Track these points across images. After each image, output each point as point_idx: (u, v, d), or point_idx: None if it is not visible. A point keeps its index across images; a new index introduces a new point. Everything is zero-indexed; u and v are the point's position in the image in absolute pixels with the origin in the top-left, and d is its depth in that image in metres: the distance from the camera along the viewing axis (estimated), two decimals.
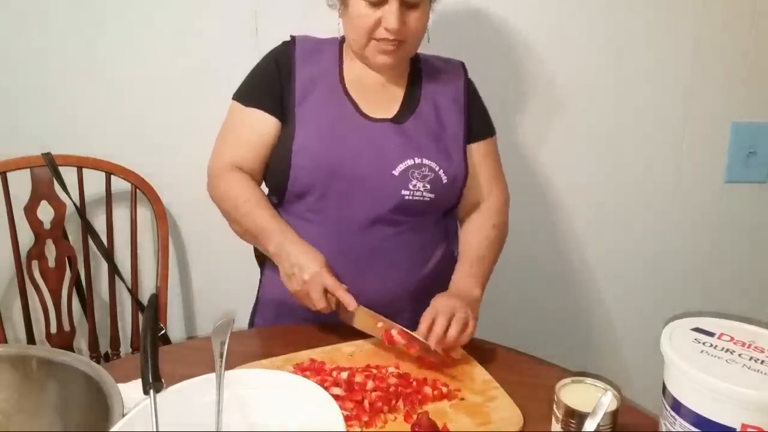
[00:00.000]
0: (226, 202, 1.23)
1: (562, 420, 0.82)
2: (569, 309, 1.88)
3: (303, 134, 1.19)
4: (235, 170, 1.23)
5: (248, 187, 1.22)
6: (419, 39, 1.21)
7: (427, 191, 1.20)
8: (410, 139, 1.21)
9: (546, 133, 1.73)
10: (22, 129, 1.65)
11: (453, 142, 1.25)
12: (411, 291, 1.22)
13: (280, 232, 1.16)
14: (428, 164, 1.20)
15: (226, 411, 0.80)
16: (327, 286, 1.10)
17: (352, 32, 1.19)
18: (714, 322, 0.83)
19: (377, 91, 1.25)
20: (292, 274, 1.12)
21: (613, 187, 1.78)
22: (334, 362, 1.06)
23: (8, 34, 1.59)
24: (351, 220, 1.20)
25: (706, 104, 1.73)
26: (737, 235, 1.84)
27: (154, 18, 1.59)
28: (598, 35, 1.66)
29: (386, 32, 1.14)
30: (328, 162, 1.18)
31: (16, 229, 1.53)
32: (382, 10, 1.13)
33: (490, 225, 1.29)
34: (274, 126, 1.22)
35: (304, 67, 1.24)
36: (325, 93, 1.23)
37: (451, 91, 1.29)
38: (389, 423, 0.93)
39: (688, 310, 1.03)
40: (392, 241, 1.22)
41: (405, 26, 1.14)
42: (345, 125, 1.21)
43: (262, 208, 1.19)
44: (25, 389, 0.87)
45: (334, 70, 1.25)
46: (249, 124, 1.23)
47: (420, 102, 1.26)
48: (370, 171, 1.18)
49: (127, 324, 1.71)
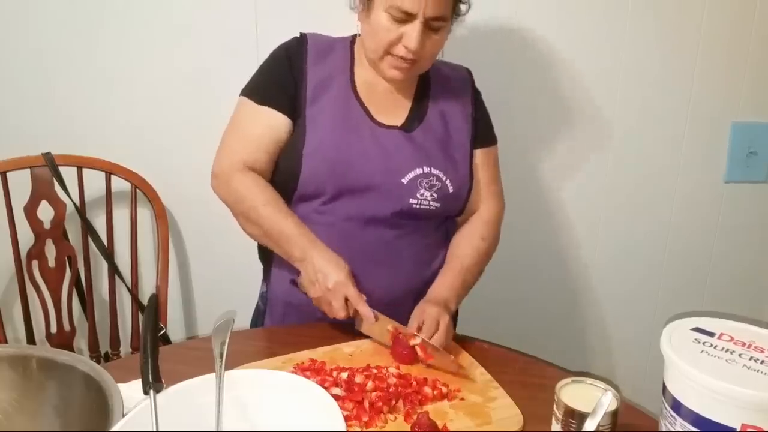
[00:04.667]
0: (242, 204, 1.20)
1: (562, 420, 0.82)
2: (569, 309, 1.89)
3: (314, 137, 1.18)
4: (248, 171, 1.21)
5: (266, 189, 1.20)
6: (433, 59, 1.21)
7: (434, 200, 1.21)
8: (419, 147, 1.22)
9: (546, 134, 1.73)
10: (22, 129, 1.65)
11: (460, 152, 1.26)
12: (413, 293, 1.22)
13: (306, 239, 1.16)
14: (436, 174, 1.21)
15: (226, 411, 0.80)
16: (349, 296, 1.11)
17: (371, 41, 1.18)
18: (714, 322, 0.83)
19: (386, 97, 1.25)
20: (315, 280, 1.12)
21: (614, 187, 1.79)
22: (334, 362, 1.06)
23: (8, 34, 1.59)
24: (356, 224, 1.20)
25: (706, 104, 1.73)
26: (737, 235, 1.84)
27: (155, 18, 1.59)
28: (599, 37, 1.67)
29: (404, 50, 1.14)
30: (339, 166, 1.18)
31: (16, 229, 1.53)
32: (405, 28, 1.12)
33: (479, 236, 1.28)
34: (287, 125, 1.21)
35: (316, 66, 1.23)
36: (337, 95, 1.22)
37: (459, 100, 1.29)
38: (389, 423, 0.93)
39: (688, 310, 1.03)
40: (396, 243, 1.22)
41: (423, 47, 1.14)
42: (356, 130, 1.20)
43: (284, 213, 1.18)
44: (25, 389, 0.87)
45: (345, 72, 1.24)
46: (262, 123, 1.21)
47: (428, 111, 1.26)
48: (380, 178, 1.19)
49: (127, 324, 1.71)
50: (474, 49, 1.64)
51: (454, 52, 1.37)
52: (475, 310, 1.82)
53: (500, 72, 1.67)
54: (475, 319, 1.45)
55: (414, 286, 1.23)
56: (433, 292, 1.20)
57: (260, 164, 1.22)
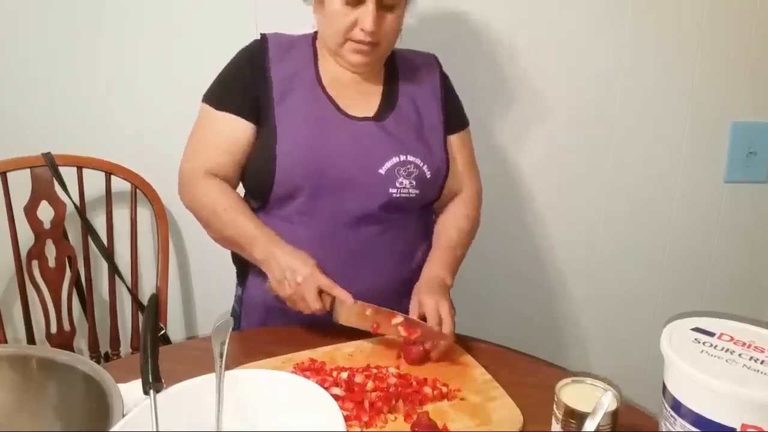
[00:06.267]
0: (204, 210, 1.20)
1: (562, 420, 0.82)
2: (569, 309, 1.88)
3: (286, 136, 1.17)
4: (210, 177, 1.20)
5: (227, 194, 1.20)
6: (394, 41, 1.21)
7: (412, 187, 1.21)
8: (393, 136, 1.21)
9: (546, 134, 1.73)
10: (22, 129, 1.65)
11: (433, 136, 1.26)
12: (397, 287, 1.22)
13: (267, 239, 1.15)
14: (413, 161, 1.20)
15: (226, 411, 0.81)
16: (321, 285, 1.09)
17: (327, 30, 1.18)
18: (714, 322, 0.83)
19: (355, 89, 1.24)
20: (283, 278, 1.11)
21: (614, 187, 1.78)
22: (334, 362, 1.06)
23: (8, 35, 1.59)
24: (339, 220, 1.19)
25: (706, 104, 1.73)
26: (737, 235, 1.84)
27: (154, 18, 1.59)
28: (600, 36, 1.67)
29: (362, 33, 1.14)
30: (314, 164, 1.16)
31: (16, 229, 1.53)
32: (359, 10, 1.13)
33: (463, 215, 1.30)
34: (249, 131, 1.20)
35: (279, 65, 1.22)
36: (304, 92, 1.21)
37: (428, 84, 1.29)
38: (389, 423, 0.93)
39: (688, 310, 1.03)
40: (379, 238, 1.22)
41: (380, 28, 1.14)
42: (328, 125, 1.19)
43: (244, 216, 1.18)
44: (25, 389, 0.87)
45: (309, 67, 1.23)
46: (222, 130, 1.21)
47: (399, 98, 1.25)
48: (357, 171, 1.18)
49: (127, 324, 1.71)
50: (474, 48, 1.65)
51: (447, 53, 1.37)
52: (475, 310, 1.82)
53: (500, 72, 1.67)
54: (474, 319, 1.45)
55: (396, 282, 1.23)
56: (427, 272, 1.20)
57: (223, 169, 1.21)
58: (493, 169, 1.74)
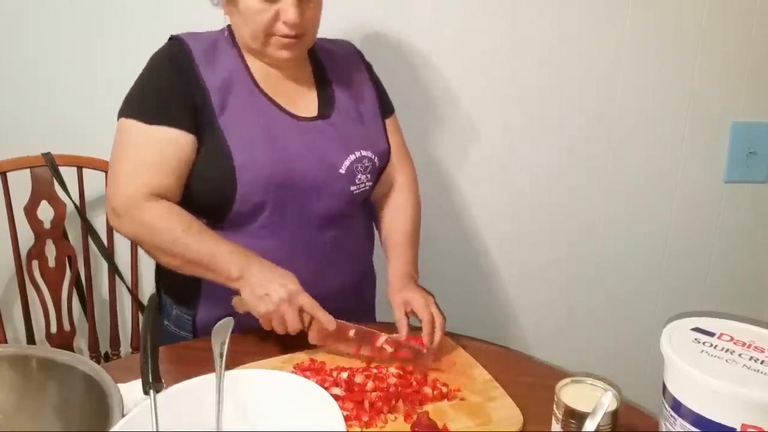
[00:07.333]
0: (157, 236, 1.08)
1: (562, 420, 0.82)
2: (569, 309, 1.88)
3: (241, 150, 1.09)
4: (155, 199, 1.08)
5: (181, 214, 1.09)
6: (317, 29, 1.17)
7: (368, 181, 1.21)
8: (343, 133, 1.19)
9: (546, 134, 1.73)
10: (22, 129, 1.65)
11: (373, 123, 1.26)
12: (359, 280, 1.23)
13: (241, 255, 1.06)
14: (366, 155, 1.20)
15: (226, 411, 0.81)
16: (304, 305, 1.04)
17: (247, 29, 1.11)
18: (714, 322, 0.82)
19: (290, 87, 1.19)
20: (265, 294, 1.03)
21: (614, 187, 1.78)
22: (334, 362, 1.06)
23: (8, 35, 1.59)
24: (305, 227, 1.16)
25: (706, 104, 1.73)
26: (737, 235, 1.84)
27: (154, 18, 1.59)
28: (600, 36, 1.66)
29: (285, 27, 1.08)
30: (278, 175, 1.11)
31: (16, 229, 1.53)
32: (279, 4, 1.07)
33: (410, 205, 1.30)
34: (191, 144, 1.10)
35: (209, 70, 1.12)
36: (243, 97, 1.13)
37: (356, 73, 1.28)
38: (389, 423, 0.93)
39: (688, 310, 1.03)
40: (344, 237, 1.22)
41: (303, 18, 1.09)
42: (279, 130, 1.13)
43: (209, 234, 1.08)
44: (25, 389, 0.87)
45: (241, 70, 1.15)
46: (161, 146, 1.08)
47: (335, 93, 1.23)
48: (319, 173, 1.15)
49: (127, 324, 1.71)
50: (473, 49, 1.64)
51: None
52: (475, 310, 1.82)
53: (500, 72, 1.67)
54: (474, 319, 1.45)
55: (358, 275, 1.24)
56: (396, 269, 1.20)
57: (169, 189, 1.10)
58: (492, 170, 1.74)
